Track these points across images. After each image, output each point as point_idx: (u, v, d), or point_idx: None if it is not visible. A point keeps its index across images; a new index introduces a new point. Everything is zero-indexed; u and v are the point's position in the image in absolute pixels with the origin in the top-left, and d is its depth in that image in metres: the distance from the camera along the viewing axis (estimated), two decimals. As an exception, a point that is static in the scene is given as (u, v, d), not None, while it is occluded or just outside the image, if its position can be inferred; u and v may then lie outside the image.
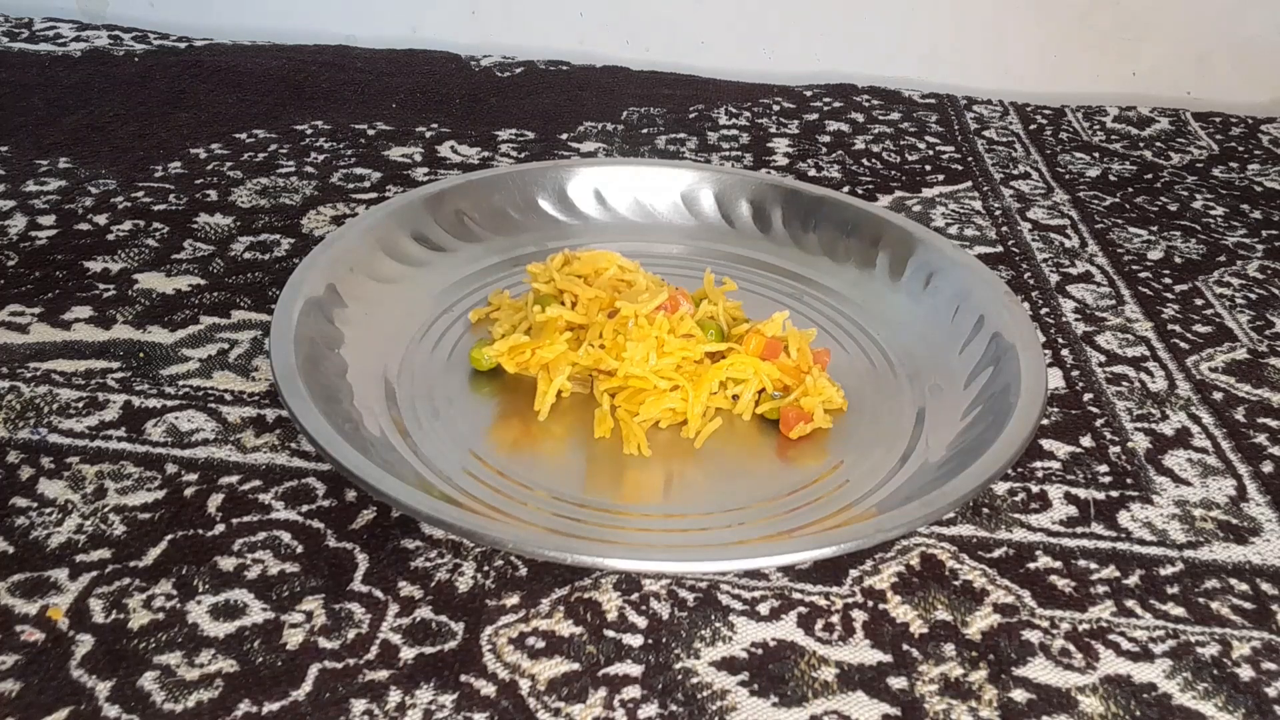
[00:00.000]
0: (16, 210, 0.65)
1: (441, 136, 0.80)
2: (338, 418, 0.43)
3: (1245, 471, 0.49)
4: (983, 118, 0.90)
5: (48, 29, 0.97)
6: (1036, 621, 0.40)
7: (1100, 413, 0.52)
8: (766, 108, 0.90)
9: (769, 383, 0.50)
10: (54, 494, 0.43)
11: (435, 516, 0.38)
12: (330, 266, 0.53)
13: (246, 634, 0.37)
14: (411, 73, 0.92)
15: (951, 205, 0.73)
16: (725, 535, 0.43)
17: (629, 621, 0.39)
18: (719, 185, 0.65)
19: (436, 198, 0.61)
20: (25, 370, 0.50)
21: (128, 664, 0.36)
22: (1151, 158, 0.84)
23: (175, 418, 0.48)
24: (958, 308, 0.54)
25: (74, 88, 0.84)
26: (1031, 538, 0.44)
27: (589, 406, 0.50)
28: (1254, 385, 0.55)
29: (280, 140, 0.77)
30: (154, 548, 0.41)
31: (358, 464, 0.40)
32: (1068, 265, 0.66)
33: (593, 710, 0.35)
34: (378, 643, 0.37)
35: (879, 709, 0.36)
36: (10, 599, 0.38)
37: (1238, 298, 0.64)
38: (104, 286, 0.58)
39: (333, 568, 0.40)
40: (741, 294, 0.58)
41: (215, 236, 0.64)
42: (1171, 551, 0.44)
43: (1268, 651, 0.39)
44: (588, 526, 0.42)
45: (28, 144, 0.74)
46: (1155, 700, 0.37)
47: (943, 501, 0.40)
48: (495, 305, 0.56)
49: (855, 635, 0.39)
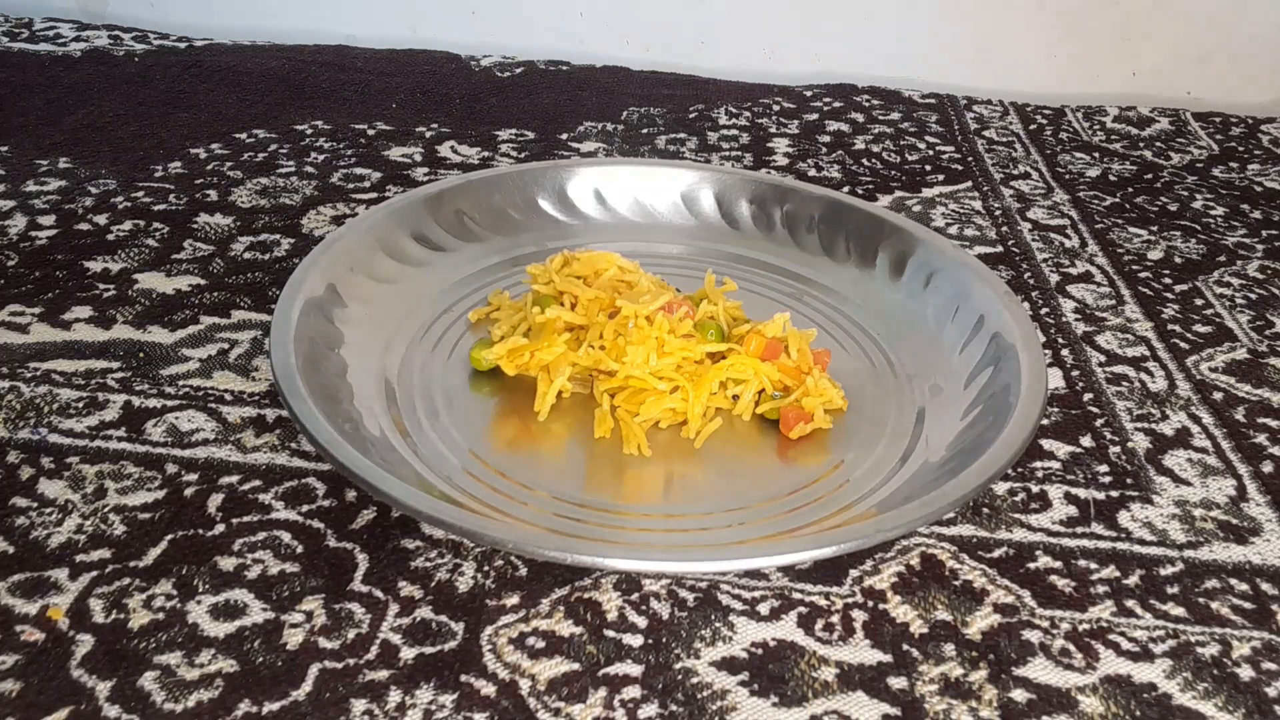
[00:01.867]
0: (16, 210, 0.65)
1: (441, 136, 0.80)
2: (338, 418, 0.43)
3: (1245, 471, 0.49)
4: (983, 118, 0.90)
5: (48, 29, 0.97)
6: (1037, 621, 0.40)
7: (1100, 413, 0.52)
8: (766, 108, 0.90)
9: (769, 383, 0.50)
10: (54, 494, 0.43)
11: (435, 516, 0.38)
12: (330, 266, 0.53)
13: (246, 634, 0.37)
14: (411, 73, 0.92)
15: (951, 205, 0.73)
16: (725, 535, 0.43)
17: (629, 621, 0.39)
18: (719, 185, 0.65)
19: (436, 198, 0.61)
20: (25, 370, 0.50)
21: (128, 664, 0.36)
22: (1151, 158, 0.84)
23: (175, 418, 0.48)
24: (958, 308, 0.54)
25: (74, 88, 0.84)
26: (1031, 538, 0.44)
27: (589, 406, 0.50)
28: (1254, 385, 0.55)
29: (280, 140, 0.77)
30: (154, 548, 0.41)
31: (358, 464, 0.40)
32: (1068, 265, 0.66)
33: (593, 710, 0.35)
34: (378, 643, 0.37)
35: (879, 709, 0.36)
36: (10, 599, 0.38)
37: (1238, 298, 0.64)
38: (104, 286, 0.58)
39: (333, 568, 0.40)
40: (741, 294, 0.58)
41: (215, 236, 0.64)
42: (1171, 551, 0.44)
43: (1268, 651, 0.39)
44: (588, 526, 0.42)
45: (28, 144, 0.74)
46: (1155, 700, 0.37)
47: (943, 501, 0.40)
48: (495, 305, 0.56)
49: (855, 635, 0.39)
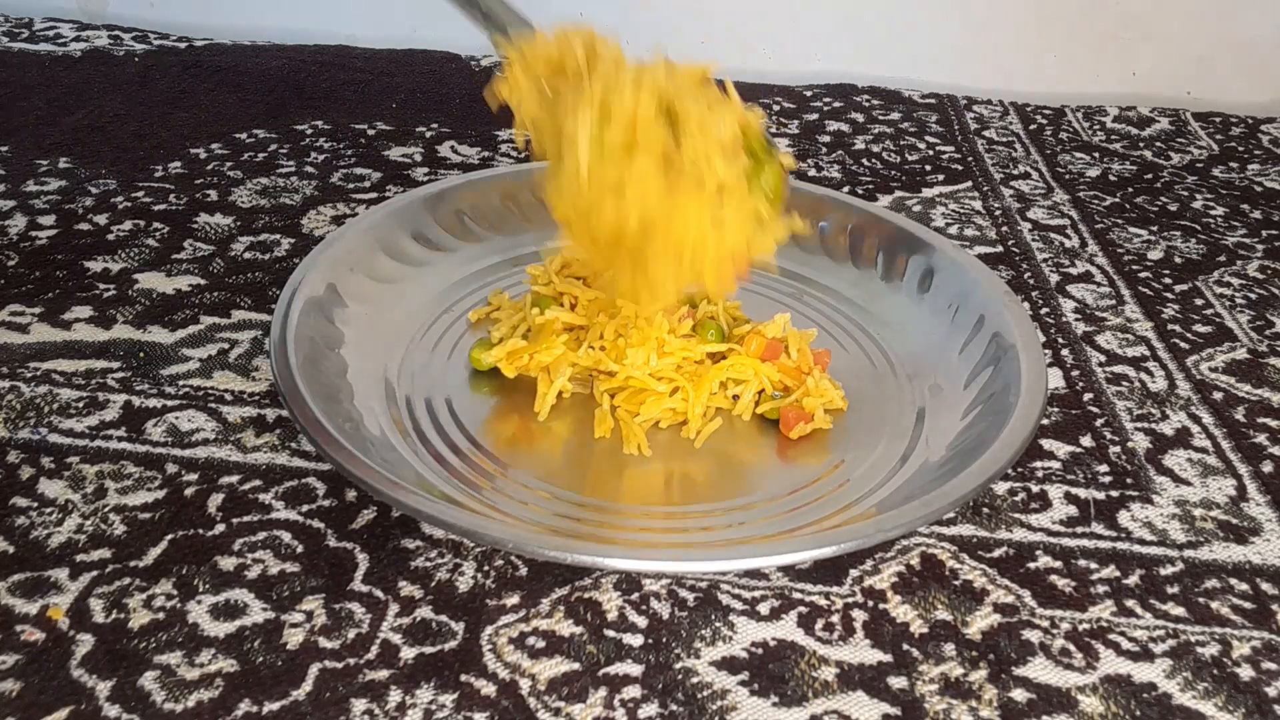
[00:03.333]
0: (16, 210, 0.65)
1: (441, 136, 0.80)
2: (338, 418, 0.43)
3: (1245, 471, 0.49)
4: (983, 118, 0.90)
5: (48, 29, 0.97)
6: (1036, 621, 0.40)
7: (1100, 413, 0.52)
8: (766, 108, 0.90)
9: (769, 384, 0.50)
10: (54, 494, 0.43)
11: (435, 516, 0.38)
12: (330, 266, 0.53)
13: (247, 634, 0.37)
14: (411, 73, 0.92)
15: (951, 205, 0.73)
16: (725, 535, 0.43)
17: (629, 621, 0.39)
18: (719, 185, 0.65)
19: (436, 198, 0.61)
20: (25, 370, 0.50)
21: (128, 664, 0.36)
22: (1151, 158, 0.84)
23: (175, 417, 0.48)
24: (958, 308, 0.54)
25: (74, 88, 0.84)
26: (1031, 537, 0.44)
27: (589, 406, 0.50)
28: (1254, 385, 0.55)
29: (280, 140, 0.77)
30: (154, 547, 0.41)
31: (358, 464, 0.40)
32: (1068, 265, 0.66)
33: (593, 710, 0.35)
34: (378, 642, 0.37)
35: (879, 709, 0.36)
36: (10, 599, 0.38)
37: (1238, 298, 0.64)
38: (104, 286, 0.58)
39: (333, 567, 0.40)
40: (741, 294, 0.57)
41: (215, 236, 0.64)
42: (1171, 551, 0.44)
43: (1268, 651, 0.39)
44: (588, 526, 0.42)
45: (28, 144, 0.74)
46: (1155, 700, 0.37)
47: (943, 501, 0.40)
48: (495, 305, 0.56)
49: (855, 635, 0.39)
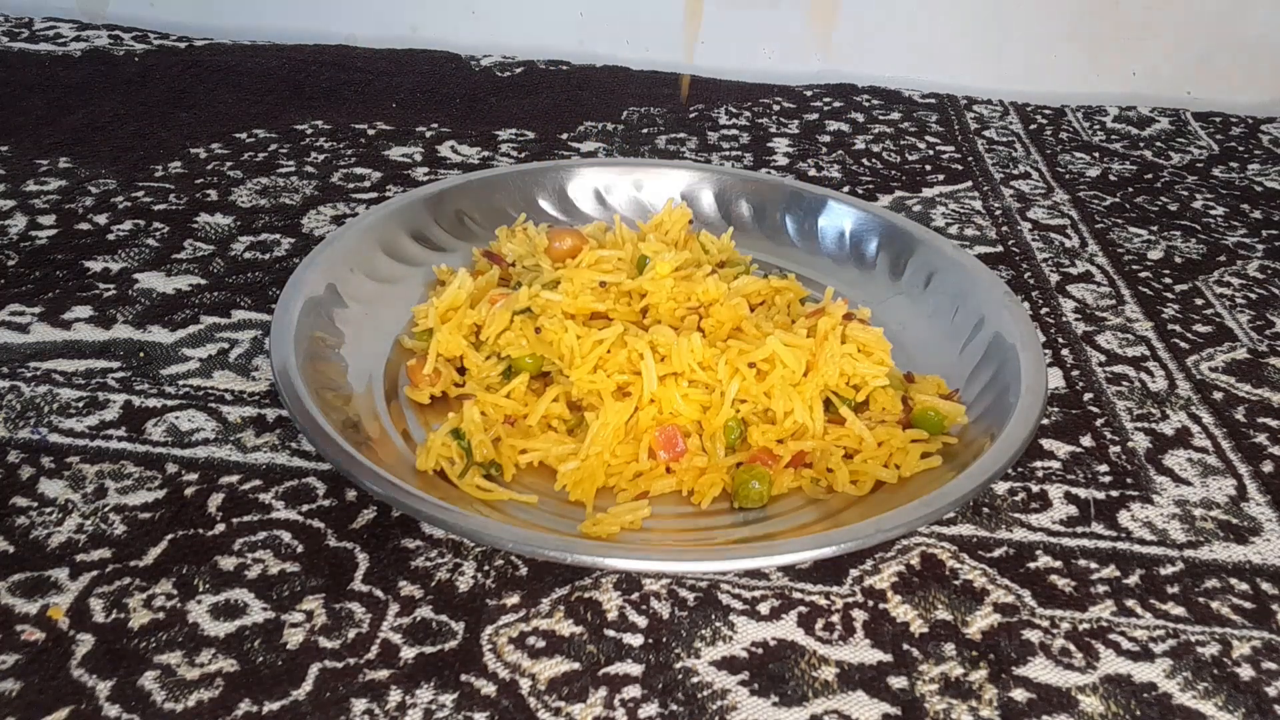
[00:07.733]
0: (16, 210, 0.65)
1: (441, 136, 0.80)
2: (338, 418, 0.43)
3: (1245, 471, 0.49)
4: (983, 118, 0.90)
5: (48, 29, 0.97)
6: (1037, 621, 0.40)
7: (1100, 412, 0.52)
8: (766, 108, 0.90)
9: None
10: (54, 494, 0.43)
11: (435, 516, 0.38)
12: (330, 266, 0.53)
13: (247, 633, 0.37)
14: (411, 73, 0.92)
15: (951, 205, 0.73)
16: (725, 535, 0.43)
17: (629, 621, 0.39)
18: (719, 185, 0.65)
19: (436, 198, 0.61)
20: (25, 370, 0.50)
21: (128, 663, 0.36)
22: (1151, 158, 0.84)
23: (175, 417, 0.48)
24: (958, 308, 0.54)
25: (74, 88, 0.84)
26: (1031, 537, 0.44)
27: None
28: (1254, 385, 0.55)
29: (280, 140, 0.77)
30: (154, 547, 0.41)
31: (358, 464, 0.40)
32: (1068, 265, 0.66)
33: (593, 710, 0.35)
34: (378, 642, 0.37)
35: (879, 708, 0.36)
36: (10, 599, 0.38)
37: (1238, 297, 0.64)
38: (104, 286, 0.58)
39: (333, 567, 0.40)
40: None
41: (215, 236, 0.64)
42: (1171, 551, 0.44)
43: (1268, 651, 0.39)
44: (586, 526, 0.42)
45: (28, 144, 0.74)
46: (1155, 700, 0.37)
47: (943, 501, 0.40)
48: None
49: (855, 635, 0.39)
